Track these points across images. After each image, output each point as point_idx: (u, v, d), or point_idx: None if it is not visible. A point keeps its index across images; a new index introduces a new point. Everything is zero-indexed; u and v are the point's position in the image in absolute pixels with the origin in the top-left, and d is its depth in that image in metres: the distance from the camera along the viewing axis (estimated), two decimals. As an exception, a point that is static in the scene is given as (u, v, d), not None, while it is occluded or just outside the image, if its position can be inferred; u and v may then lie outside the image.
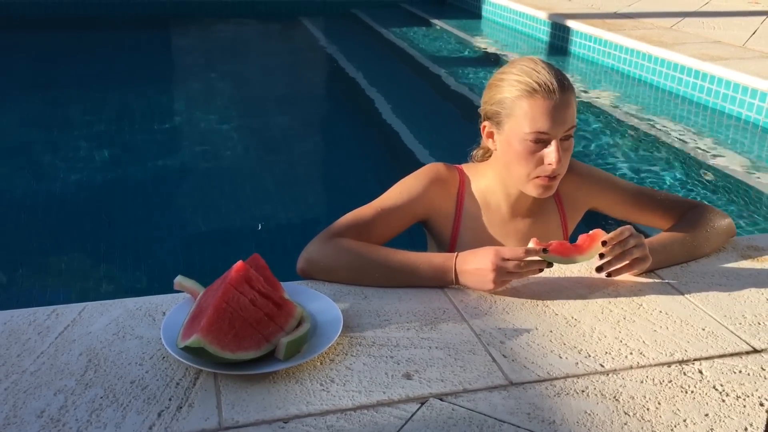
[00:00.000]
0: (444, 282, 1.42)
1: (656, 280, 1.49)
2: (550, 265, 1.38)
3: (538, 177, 1.48)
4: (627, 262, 1.43)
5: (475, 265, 1.38)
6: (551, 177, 1.48)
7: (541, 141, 1.45)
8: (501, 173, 1.57)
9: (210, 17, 8.73)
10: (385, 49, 7.14)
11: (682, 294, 1.44)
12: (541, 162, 1.46)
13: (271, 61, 6.90)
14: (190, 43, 7.68)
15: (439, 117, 5.12)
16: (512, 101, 1.45)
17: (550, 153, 1.44)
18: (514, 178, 1.53)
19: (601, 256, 1.40)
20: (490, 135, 1.55)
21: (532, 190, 1.51)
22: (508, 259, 1.35)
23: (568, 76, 1.50)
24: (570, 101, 1.44)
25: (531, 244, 1.36)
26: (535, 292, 1.43)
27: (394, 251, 1.44)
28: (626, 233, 1.41)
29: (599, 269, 1.44)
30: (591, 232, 1.41)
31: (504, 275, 1.36)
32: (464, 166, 1.66)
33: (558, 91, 1.42)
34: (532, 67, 1.44)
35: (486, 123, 1.54)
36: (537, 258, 1.36)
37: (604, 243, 1.38)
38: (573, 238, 1.72)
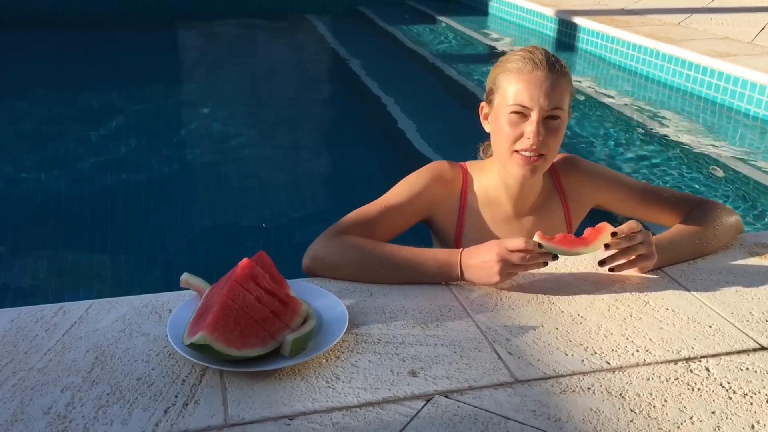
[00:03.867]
0: (449, 277, 1.42)
1: (663, 277, 1.48)
2: (555, 257, 1.38)
3: (517, 152, 1.48)
4: (631, 257, 1.42)
5: (480, 258, 1.38)
6: (533, 157, 1.48)
7: (522, 114, 1.46)
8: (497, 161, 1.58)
9: (216, 15, 8.74)
10: (391, 46, 7.13)
11: (689, 291, 1.43)
12: (521, 136, 1.47)
13: (277, 59, 6.90)
14: (196, 41, 7.70)
15: (445, 114, 5.11)
16: (502, 78, 1.50)
17: (530, 125, 1.46)
18: (498, 154, 1.54)
19: (607, 248, 1.39)
20: (486, 117, 1.58)
21: (514, 169, 1.51)
22: (513, 251, 1.35)
23: (575, 73, 1.50)
24: (557, 83, 1.46)
25: (536, 238, 1.36)
26: (541, 288, 1.42)
27: (398, 247, 1.44)
28: (636, 228, 1.40)
29: (602, 263, 1.43)
30: (597, 225, 1.41)
31: (509, 268, 1.36)
32: (468, 164, 1.66)
33: (545, 69, 1.45)
34: (529, 50, 1.50)
35: (483, 104, 1.59)
36: (542, 250, 1.36)
37: (614, 234, 1.38)
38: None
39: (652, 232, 1.48)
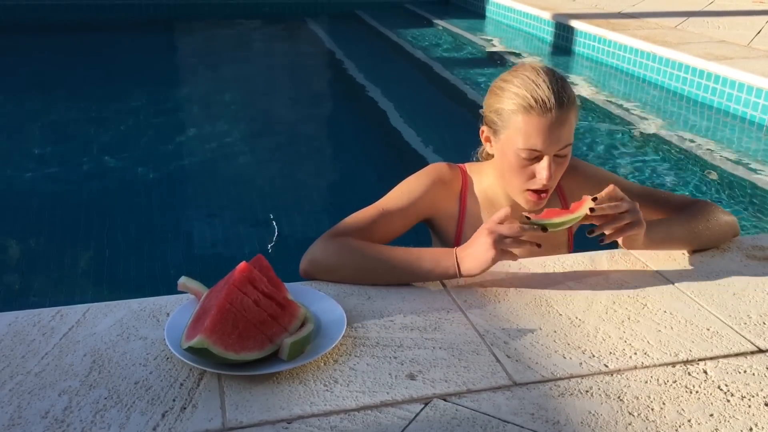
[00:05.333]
0: (446, 271, 1.40)
1: (661, 280, 1.49)
2: (544, 229, 1.36)
3: (528, 190, 1.49)
4: (619, 225, 1.39)
5: (472, 244, 1.38)
6: (542, 191, 1.49)
7: (533, 157, 1.44)
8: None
9: (214, 19, 8.75)
10: (388, 49, 7.14)
11: (687, 294, 1.43)
12: (532, 176, 1.46)
13: (275, 62, 6.91)
14: (195, 45, 7.70)
15: (443, 117, 5.12)
16: (509, 114, 1.44)
17: (542, 169, 1.43)
18: (507, 186, 1.54)
19: (592, 212, 1.36)
20: (488, 140, 1.55)
21: (523, 202, 1.53)
22: (501, 223, 1.35)
23: (573, 76, 1.50)
24: (567, 119, 1.42)
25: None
26: (539, 291, 1.42)
27: (396, 247, 1.45)
28: (616, 193, 1.38)
29: (591, 233, 1.42)
30: (581, 199, 1.40)
31: (501, 240, 1.34)
32: (467, 165, 1.66)
33: (555, 109, 1.40)
34: (533, 80, 1.42)
35: (484, 128, 1.55)
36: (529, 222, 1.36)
37: (595, 200, 1.36)
38: (577, 236, 1.72)
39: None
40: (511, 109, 1.43)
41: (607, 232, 1.39)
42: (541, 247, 1.38)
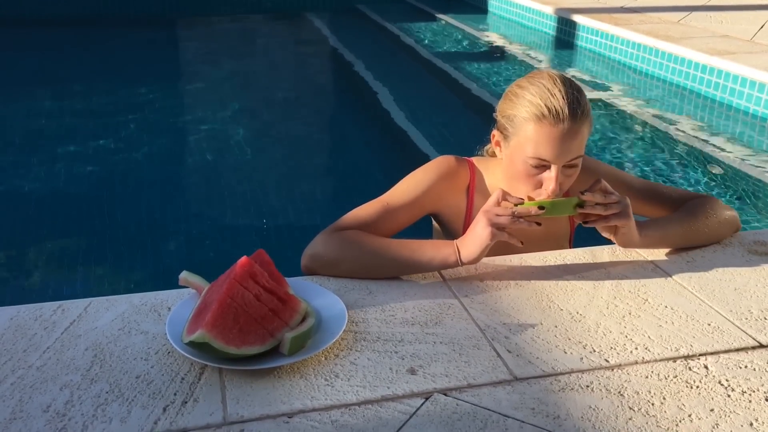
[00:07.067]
0: (446, 259, 1.41)
1: (662, 275, 1.48)
2: (541, 207, 1.38)
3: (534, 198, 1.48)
4: (606, 214, 1.40)
5: (470, 230, 1.40)
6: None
7: (541, 166, 1.42)
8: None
9: (216, 14, 8.74)
10: (390, 44, 7.13)
11: (688, 289, 1.43)
12: (539, 184, 1.44)
13: (277, 57, 6.91)
14: (196, 40, 7.69)
15: (445, 112, 5.11)
16: (521, 121, 1.42)
17: (550, 180, 1.42)
18: (513, 192, 1.52)
19: (583, 194, 1.40)
20: (498, 144, 1.53)
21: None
22: (496, 205, 1.38)
23: (575, 71, 1.49)
24: (579, 131, 1.40)
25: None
26: (540, 286, 1.43)
27: (396, 239, 1.46)
28: (605, 186, 1.40)
29: (585, 223, 1.43)
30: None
31: (497, 219, 1.36)
32: (475, 160, 1.64)
33: (568, 120, 1.38)
34: (549, 89, 1.40)
35: (495, 132, 1.53)
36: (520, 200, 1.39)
37: (582, 192, 1.39)
38: (578, 235, 1.72)
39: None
40: (523, 117, 1.41)
41: (589, 217, 1.41)
42: (540, 225, 1.38)
